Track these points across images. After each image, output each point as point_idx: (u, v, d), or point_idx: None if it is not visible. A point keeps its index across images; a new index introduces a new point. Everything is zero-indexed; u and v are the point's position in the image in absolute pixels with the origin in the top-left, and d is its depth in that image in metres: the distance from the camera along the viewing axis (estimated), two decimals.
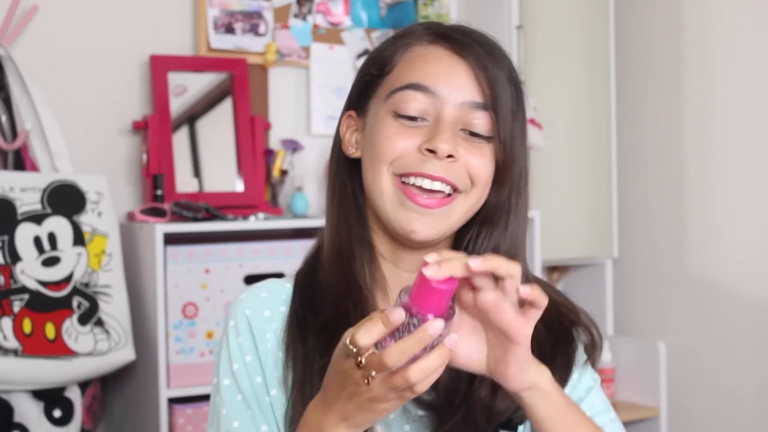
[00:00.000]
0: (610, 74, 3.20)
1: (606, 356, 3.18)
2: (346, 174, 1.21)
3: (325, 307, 1.16)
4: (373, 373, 0.96)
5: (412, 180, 1.14)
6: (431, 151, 1.12)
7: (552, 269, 3.34)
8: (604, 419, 1.19)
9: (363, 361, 0.96)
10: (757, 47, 2.91)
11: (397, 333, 0.96)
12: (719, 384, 3.00)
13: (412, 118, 1.14)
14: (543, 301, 1.00)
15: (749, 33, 2.93)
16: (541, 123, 2.94)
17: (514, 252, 1.18)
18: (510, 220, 1.18)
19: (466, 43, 1.16)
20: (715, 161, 3.01)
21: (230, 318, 1.20)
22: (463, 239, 1.20)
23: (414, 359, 0.95)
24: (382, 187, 1.15)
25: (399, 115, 1.14)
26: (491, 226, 1.19)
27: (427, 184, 1.13)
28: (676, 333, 3.11)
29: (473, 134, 1.15)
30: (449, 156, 1.13)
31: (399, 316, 0.95)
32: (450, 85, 1.14)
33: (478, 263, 0.97)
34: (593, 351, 1.22)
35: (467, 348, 1.03)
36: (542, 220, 2.93)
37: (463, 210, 1.16)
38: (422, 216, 1.13)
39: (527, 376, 1.04)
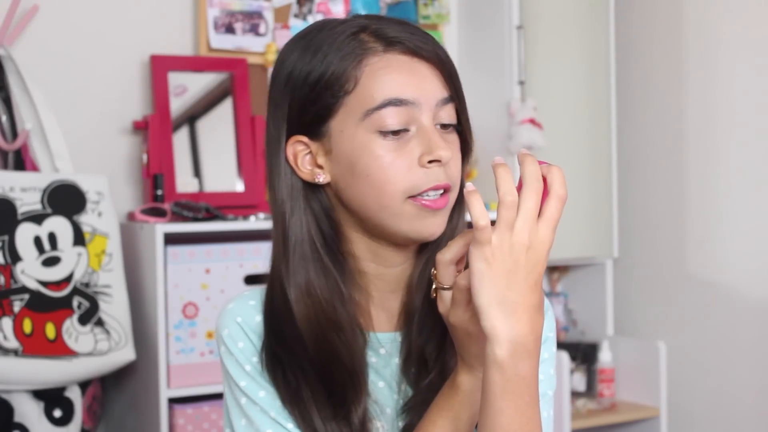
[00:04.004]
0: (610, 74, 3.20)
1: (606, 356, 3.18)
2: (304, 199, 1.20)
3: (304, 345, 1.16)
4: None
5: (424, 195, 1.16)
6: (434, 161, 1.15)
7: (552, 269, 3.34)
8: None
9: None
10: (757, 47, 2.91)
11: None
12: (719, 384, 3.00)
13: (397, 132, 1.15)
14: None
15: (750, 33, 2.93)
16: (541, 123, 2.94)
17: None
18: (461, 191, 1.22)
19: (416, 40, 1.17)
20: (716, 161, 3.01)
21: (222, 328, 1.20)
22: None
23: None
24: (396, 212, 1.16)
25: (385, 133, 1.15)
26: (459, 204, 1.23)
27: (432, 194, 1.16)
28: (676, 333, 3.11)
29: (443, 126, 1.18)
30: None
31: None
32: (422, 90, 1.16)
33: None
34: None
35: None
36: None
37: (452, 204, 1.20)
38: (435, 217, 1.17)
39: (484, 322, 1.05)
